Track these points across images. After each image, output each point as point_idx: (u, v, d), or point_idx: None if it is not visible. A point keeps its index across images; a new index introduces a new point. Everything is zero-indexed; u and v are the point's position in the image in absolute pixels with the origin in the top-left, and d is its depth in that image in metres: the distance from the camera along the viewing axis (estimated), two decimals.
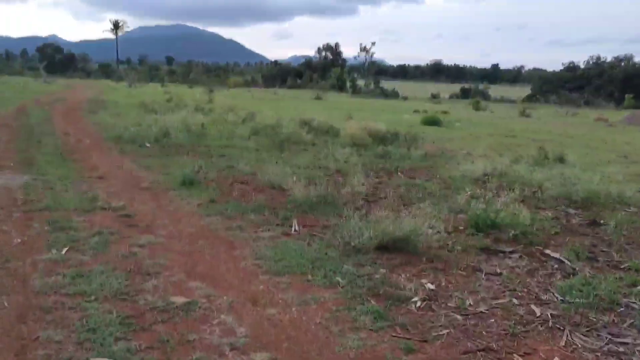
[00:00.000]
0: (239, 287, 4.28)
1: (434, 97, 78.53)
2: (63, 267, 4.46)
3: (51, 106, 21.51)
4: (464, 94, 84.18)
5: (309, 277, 4.54)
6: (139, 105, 21.97)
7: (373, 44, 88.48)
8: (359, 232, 5.38)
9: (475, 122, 22.89)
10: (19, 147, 10.63)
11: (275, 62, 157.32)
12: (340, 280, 4.50)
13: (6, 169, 8.37)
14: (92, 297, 3.88)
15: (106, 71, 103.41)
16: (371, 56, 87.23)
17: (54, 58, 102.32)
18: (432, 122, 19.85)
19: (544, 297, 4.40)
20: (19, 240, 5.09)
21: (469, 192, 8.31)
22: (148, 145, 11.42)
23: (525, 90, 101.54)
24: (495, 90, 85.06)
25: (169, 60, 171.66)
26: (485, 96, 69.72)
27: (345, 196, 7.35)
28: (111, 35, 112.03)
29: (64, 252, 4.82)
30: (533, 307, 4.21)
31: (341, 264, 4.85)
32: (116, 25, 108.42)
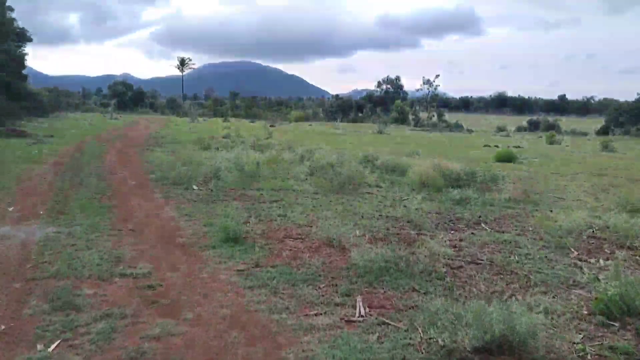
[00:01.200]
0: None
1: (500, 129, 75.38)
2: None
3: (110, 143, 21.33)
4: (532, 126, 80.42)
5: None
6: (195, 141, 21.43)
7: (437, 76, 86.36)
8: (449, 324, 3.89)
9: (554, 157, 20.70)
10: (59, 189, 9.86)
11: (337, 96, 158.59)
12: None
13: (34, 219, 7.46)
14: None
15: (173, 106, 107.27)
16: (435, 89, 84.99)
17: (124, 95, 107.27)
18: (506, 158, 17.94)
19: None
20: (3, 327, 3.94)
21: (576, 253, 6.62)
22: (195, 187, 10.39)
23: (597, 122, 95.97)
24: (565, 122, 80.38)
25: (233, 95, 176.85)
26: (556, 128, 65.86)
27: (421, 259, 5.85)
28: (178, 72, 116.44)
29: (51, 348, 3.61)
30: None
31: None
32: (182, 62, 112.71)
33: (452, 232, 7.46)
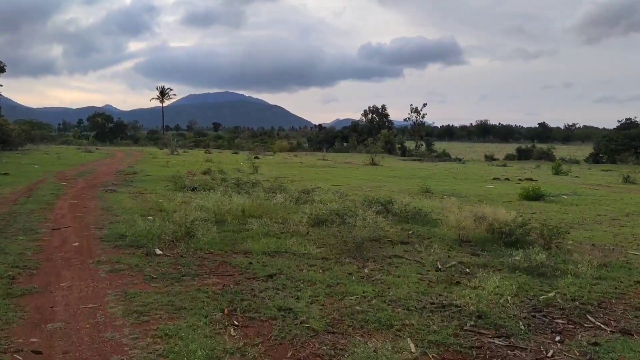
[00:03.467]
0: None
1: (489, 158, 73.83)
2: None
3: (72, 181, 18.40)
4: (521, 154, 78.91)
5: None
6: (170, 178, 18.61)
7: (424, 105, 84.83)
8: None
9: (582, 193, 18.25)
10: None
11: (320, 126, 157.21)
12: None
13: None
14: None
15: (154, 138, 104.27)
16: (422, 117, 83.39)
17: (104, 127, 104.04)
18: (535, 196, 15.41)
19: None
20: None
21: None
22: (159, 252, 7.55)
23: (581, 149, 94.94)
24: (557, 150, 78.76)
25: (216, 127, 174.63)
26: (550, 157, 64.15)
27: None
28: (160, 103, 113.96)
29: None
30: None
31: None
32: (162, 93, 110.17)
33: (556, 336, 4.74)
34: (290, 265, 6.95)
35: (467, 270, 6.90)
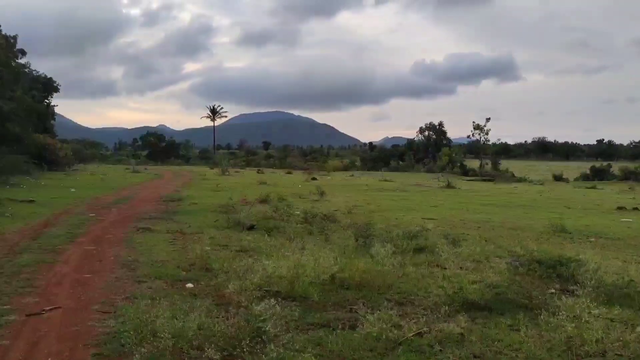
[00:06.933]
0: None
1: (558, 178, 67.50)
2: None
3: (104, 211, 15.09)
4: (597, 173, 71.91)
5: None
6: (221, 208, 15.01)
7: (488, 120, 78.96)
8: None
9: None
10: None
11: (371, 144, 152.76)
12: None
13: None
14: None
15: (205, 157, 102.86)
16: (487, 134, 77.62)
17: (157, 146, 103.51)
18: None
19: None
20: None
21: None
22: None
23: None
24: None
25: (266, 145, 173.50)
26: (637, 176, 57.03)
27: None
28: (211, 123, 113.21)
29: None
30: None
31: None
32: (213, 111, 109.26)
33: None
34: None
35: None
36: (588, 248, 9.97)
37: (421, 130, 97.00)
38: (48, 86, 59.90)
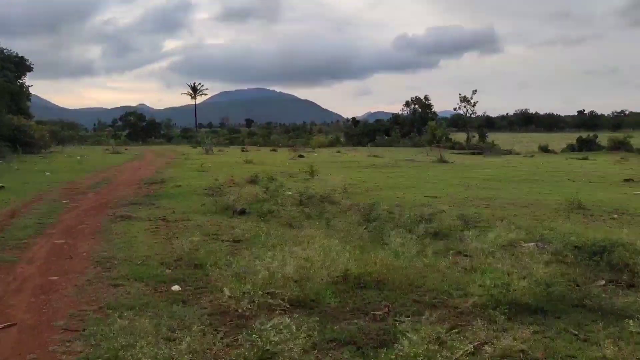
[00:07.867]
0: None
1: (544, 149, 67.02)
2: None
3: (79, 197, 13.84)
4: (584, 144, 71.50)
5: None
6: (207, 190, 13.88)
7: (474, 92, 77.96)
8: None
9: None
10: None
11: (354, 120, 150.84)
12: None
13: None
14: None
15: (187, 136, 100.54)
16: (473, 106, 76.76)
17: (137, 126, 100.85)
18: None
19: None
20: None
21: None
22: None
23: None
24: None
25: (249, 123, 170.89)
26: (626, 146, 56.40)
27: None
28: (192, 101, 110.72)
29: None
30: None
31: None
32: (194, 89, 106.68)
33: None
34: None
35: None
36: (615, 227, 9.06)
37: (407, 104, 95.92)
38: (20, 65, 57.19)
